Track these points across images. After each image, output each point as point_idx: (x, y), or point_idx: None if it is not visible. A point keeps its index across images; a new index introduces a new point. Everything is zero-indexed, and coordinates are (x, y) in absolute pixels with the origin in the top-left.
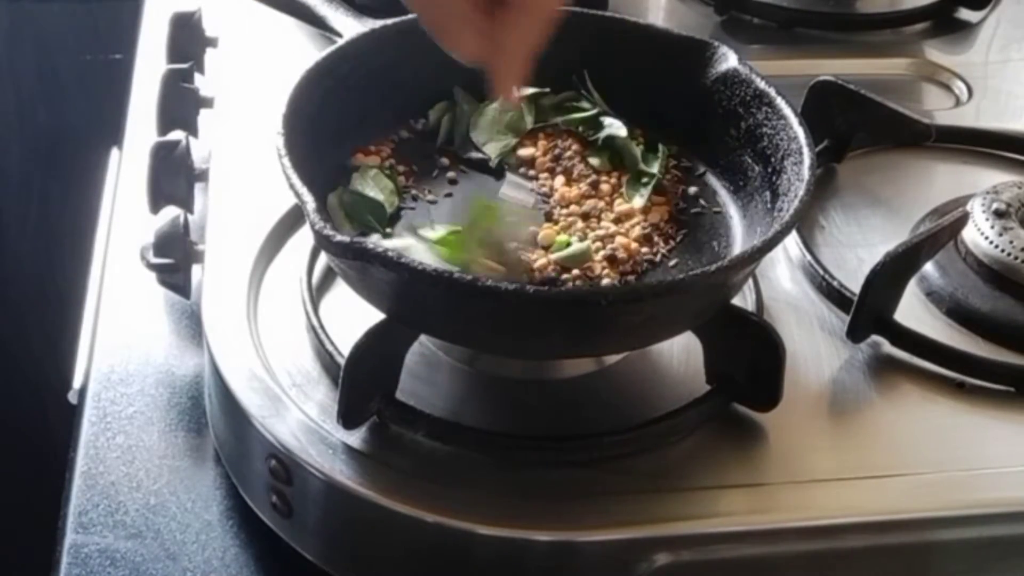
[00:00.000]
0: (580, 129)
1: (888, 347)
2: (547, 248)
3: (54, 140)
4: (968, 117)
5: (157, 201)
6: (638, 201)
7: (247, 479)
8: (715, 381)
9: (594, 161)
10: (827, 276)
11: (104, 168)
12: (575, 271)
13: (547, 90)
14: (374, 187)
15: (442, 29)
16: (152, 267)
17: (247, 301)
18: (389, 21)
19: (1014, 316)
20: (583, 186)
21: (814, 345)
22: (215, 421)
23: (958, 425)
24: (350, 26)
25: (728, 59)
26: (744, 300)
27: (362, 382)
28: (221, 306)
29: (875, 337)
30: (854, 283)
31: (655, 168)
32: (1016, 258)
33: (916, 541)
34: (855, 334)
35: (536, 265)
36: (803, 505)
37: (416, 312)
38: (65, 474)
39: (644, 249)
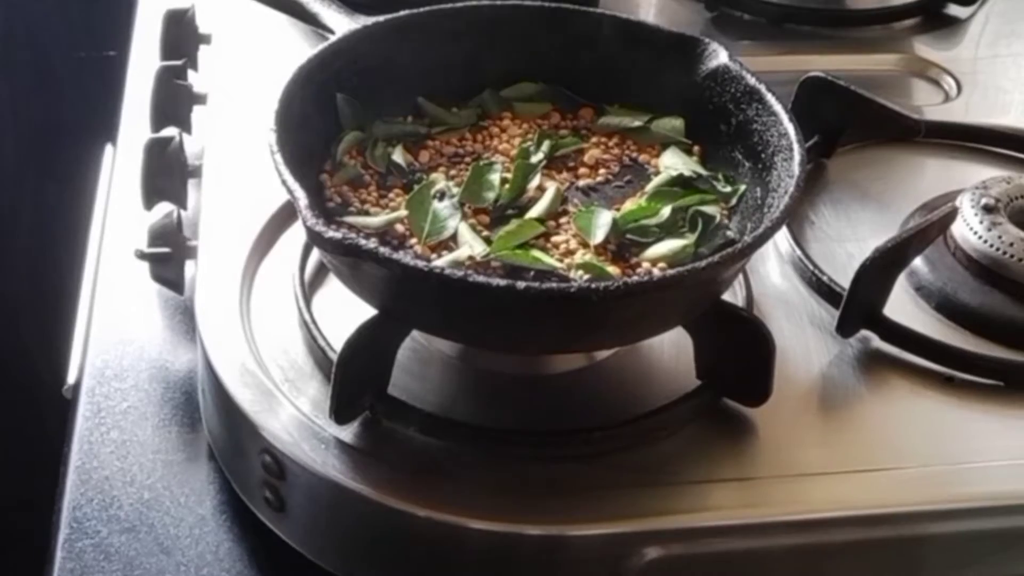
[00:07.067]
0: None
1: (877, 342)
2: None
3: (48, 136)
4: (957, 113)
5: (151, 197)
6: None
7: (240, 474)
8: (705, 376)
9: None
10: (817, 271)
11: (98, 164)
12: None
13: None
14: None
15: None
16: (145, 256)
17: (240, 297)
18: (381, 18)
19: (1003, 311)
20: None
21: (804, 340)
22: (208, 416)
23: (947, 419)
24: (342, 23)
25: (718, 55)
26: (734, 295)
27: (354, 377)
28: (214, 302)
29: (864, 332)
30: (844, 278)
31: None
32: (1005, 253)
33: (905, 535)
34: (844, 329)
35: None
36: (793, 499)
37: (408, 308)
38: (59, 469)
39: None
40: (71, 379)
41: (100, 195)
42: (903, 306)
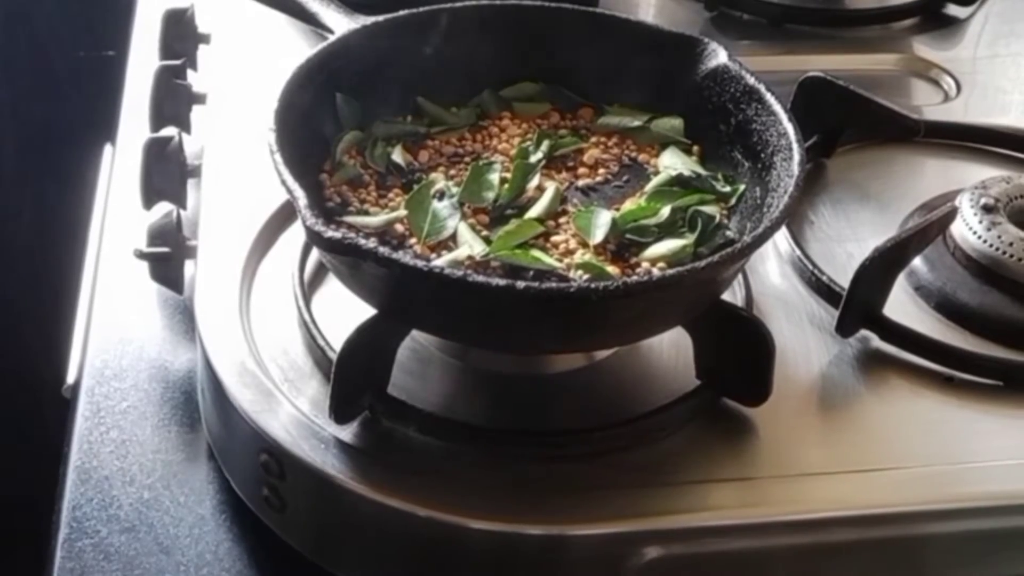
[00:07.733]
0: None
1: (877, 342)
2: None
3: (48, 136)
4: (956, 112)
5: (150, 197)
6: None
7: (240, 474)
8: (705, 376)
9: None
10: (816, 271)
11: (98, 164)
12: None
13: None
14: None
15: None
16: (145, 256)
17: (239, 296)
18: (380, 17)
19: (1002, 310)
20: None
21: (803, 340)
22: (208, 416)
23: (946, 419)
24: (341, 22)
25: (718, 55)
26: (734, 295)
27: (353, 377)
28: (214, 301)
29: (864, 332)
30: (843, 278)
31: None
32: (1004, 252)
33: (905, 535)
34: (844, 329)
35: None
36: (792, 499)
37: (407, 308)
38: (59, 469)
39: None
40: (71, 379)
41: (100, 195)
42: (903, 306)
